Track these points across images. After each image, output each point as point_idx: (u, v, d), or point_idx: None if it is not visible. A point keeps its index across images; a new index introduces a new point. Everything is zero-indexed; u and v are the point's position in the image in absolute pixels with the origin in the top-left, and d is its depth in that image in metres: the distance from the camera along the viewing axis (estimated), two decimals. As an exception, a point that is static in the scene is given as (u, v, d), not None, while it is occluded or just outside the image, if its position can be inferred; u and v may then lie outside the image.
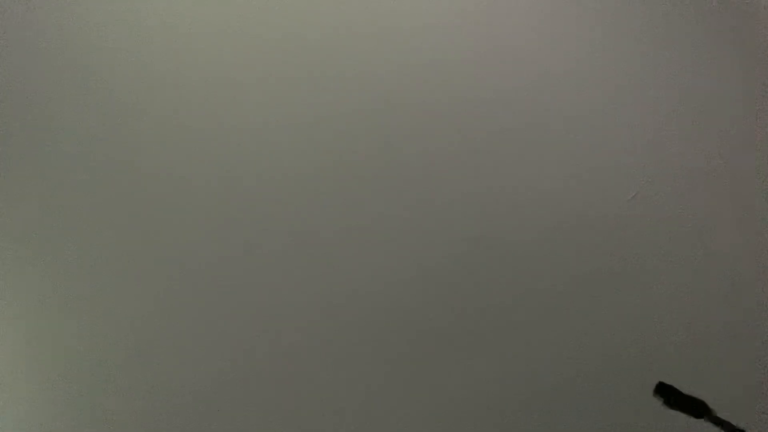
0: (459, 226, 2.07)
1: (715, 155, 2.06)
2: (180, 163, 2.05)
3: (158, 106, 2.02)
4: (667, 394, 1.78)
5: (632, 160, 2.06)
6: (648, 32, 2.08)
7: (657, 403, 1.77)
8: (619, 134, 2.08)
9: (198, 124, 2.03)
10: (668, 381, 1.82)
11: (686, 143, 2.09)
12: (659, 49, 2.08)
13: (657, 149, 2.09)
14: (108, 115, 2.02)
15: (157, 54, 2.00)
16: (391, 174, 2.06)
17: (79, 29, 1.99)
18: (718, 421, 1.72)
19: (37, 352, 2.10)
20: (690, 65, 2.09)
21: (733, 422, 1.70)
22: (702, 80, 2.08)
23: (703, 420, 1.77)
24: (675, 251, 2.05)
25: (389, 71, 2.05)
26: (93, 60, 1.98)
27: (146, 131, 2.03)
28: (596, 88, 2.09)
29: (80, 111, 1.99)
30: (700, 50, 2.08)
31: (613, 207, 2.06)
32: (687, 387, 1.75)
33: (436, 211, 2.07)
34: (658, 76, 2.10)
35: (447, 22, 2.07)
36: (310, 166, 2.05)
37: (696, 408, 1.75)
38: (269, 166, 2.05)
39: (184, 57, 2.01)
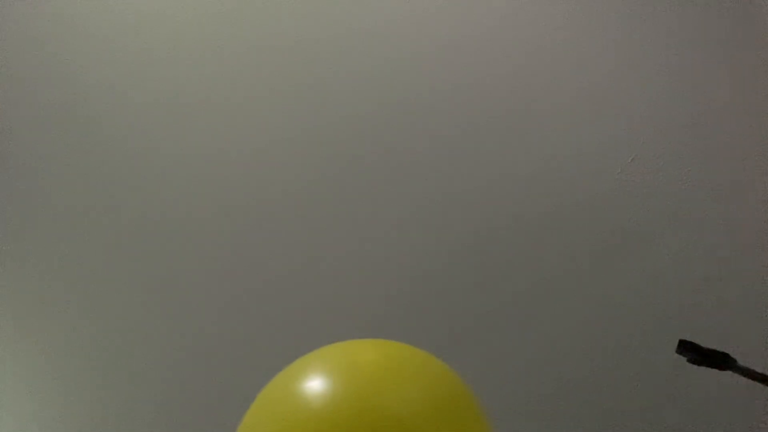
0: (463, 215, 2.03)
1: (710, 114, 2.08)
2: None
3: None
4: (689, 351, 1.79)
5: (627, 126, 2.05)
6: (638, 8, 2.07)
7: (681, 360, 1.79)
8: (612, 104, 2.08)
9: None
10: (688, 338, 1.84)
11: (680, 102, 2.10)
12: (652, 22, 2.08)
13: (650, 113, 2.09)
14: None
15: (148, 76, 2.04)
16: (384, 172, 2.00)
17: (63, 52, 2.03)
18: (744, 371, 1.75)
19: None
20: (683, 40, 2.09)
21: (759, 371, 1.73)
22: (696, 50, 2.10)
23: (729, 372, 1.80)
24: (679, 210, 2.06)
25: (367, 68, 2.00)
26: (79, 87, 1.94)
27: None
28: (587, 60, 2.07)
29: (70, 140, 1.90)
30: (693, 26, 2.09)
31: (613, 174, 2.05)
32: (708, 342, 1.77)
33: (438, 204, 2.02)
34: (653, 45, 2.10)
35: (429, 10, 2.01)
36: (302, 172, 1.97)
37: (720, 361, 1.77)
38: (268, 168, 1.95)
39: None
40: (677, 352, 1.74)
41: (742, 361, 1.78)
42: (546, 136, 2.08)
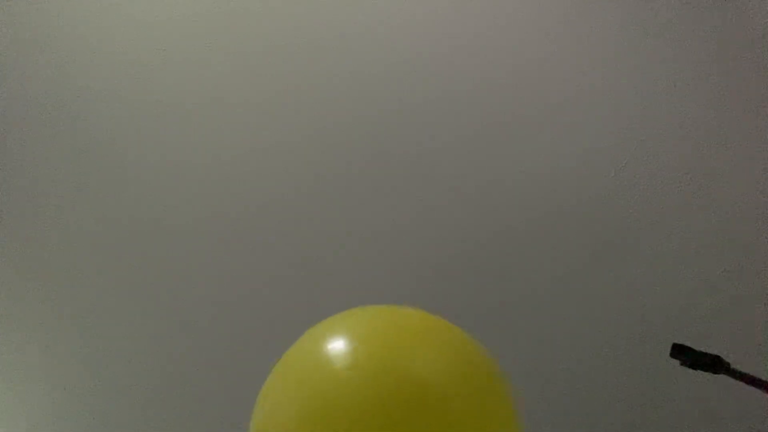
0: (460, 220, 2.04)
1: (703, 118, 2.09)
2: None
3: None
4: (683, 354, 1.79)
5: (621, 130, 2.06)
6: (632, 14, 2.08)
7: (674, 364, 1.79)
8: (605, 109, 2.08)
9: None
10: (681, 341, 1.85)
11: (672, 107, 2.11)
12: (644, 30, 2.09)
13: (643, 118, 2.10)
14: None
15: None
16: (385, 174, 2.01)
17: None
18: (737, 374, 1.75)
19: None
20: (673, 47, 2.10)
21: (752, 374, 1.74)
22: (688, 56, 2.11)
23: (721, 375, 1.80)
24: (672, 213, 2.07)
25: (371, 70, 2.00)
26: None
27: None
28: (578, 70, 2.09)
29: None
30: (684, 35, 2.10)
31: (606, 178, 2.06)
32: (701, 345, 1.78)
33: (434, 207, 2.03)
34: (646, 51, 2.11)
35: (427, 15, 2.02)
36: (307, 173, 1.98)
37: (713, 364, 1.77)
38: (266, 171, 1.95)
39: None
40: (671, 355, 1.75)
41: (736, 365, 1.79)
42: (541, 141, 2.09)
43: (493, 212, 2.06)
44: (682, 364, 1.74)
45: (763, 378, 1.69)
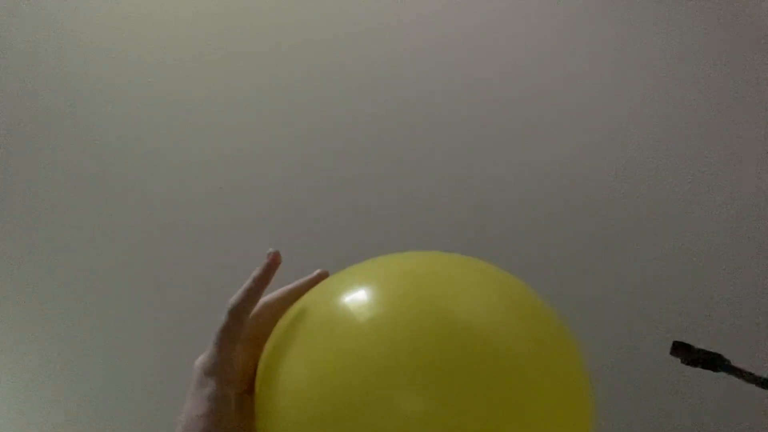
0: (457, 221, 2.04)
1: (702, 119, 2.09)
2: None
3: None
4: (683, 352, 1.79)
5: (620, 132, 2.07)
6: (632, 14, 2.08)
7: (675, 362, 1.79)
8: (605, 110, 2.09)
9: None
10: (682, 339, 1.84)
11: (672, 109, 2.11)
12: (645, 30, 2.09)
13: (642, 120, 2.10)
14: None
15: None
16: (385, 174, 2.01)
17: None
18: (737, 372, 1.75)
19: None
20: (674, 48, 2.11)
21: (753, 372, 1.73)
22: (688, 59, 2.11)
23: (722, 373, 1.80)
24: (673, 214, 2.07)
25: (370, 72, 2.00)
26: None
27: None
28: (580, 73, 2.09)
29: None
30: (687, 34, 2.10)
31: (606, 180, 2.06)
32: (702, 344, 1.78)
33: (433, 208, 2.03)
34: (641, 59, 2.11)
35: (429, 16, 2.03)
36: (309, 173, 1.98)
37: (713, 361, 1.77)
38: (269, 172, 1.96)
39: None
40: (671, 353, 1.74)
41: (736, 363, 1.78)
42: (540, 144, 2.09)
43: (492, 213, 2.06)
44: (682, 362, 1.74)
45: (764, 376, 1.69)
